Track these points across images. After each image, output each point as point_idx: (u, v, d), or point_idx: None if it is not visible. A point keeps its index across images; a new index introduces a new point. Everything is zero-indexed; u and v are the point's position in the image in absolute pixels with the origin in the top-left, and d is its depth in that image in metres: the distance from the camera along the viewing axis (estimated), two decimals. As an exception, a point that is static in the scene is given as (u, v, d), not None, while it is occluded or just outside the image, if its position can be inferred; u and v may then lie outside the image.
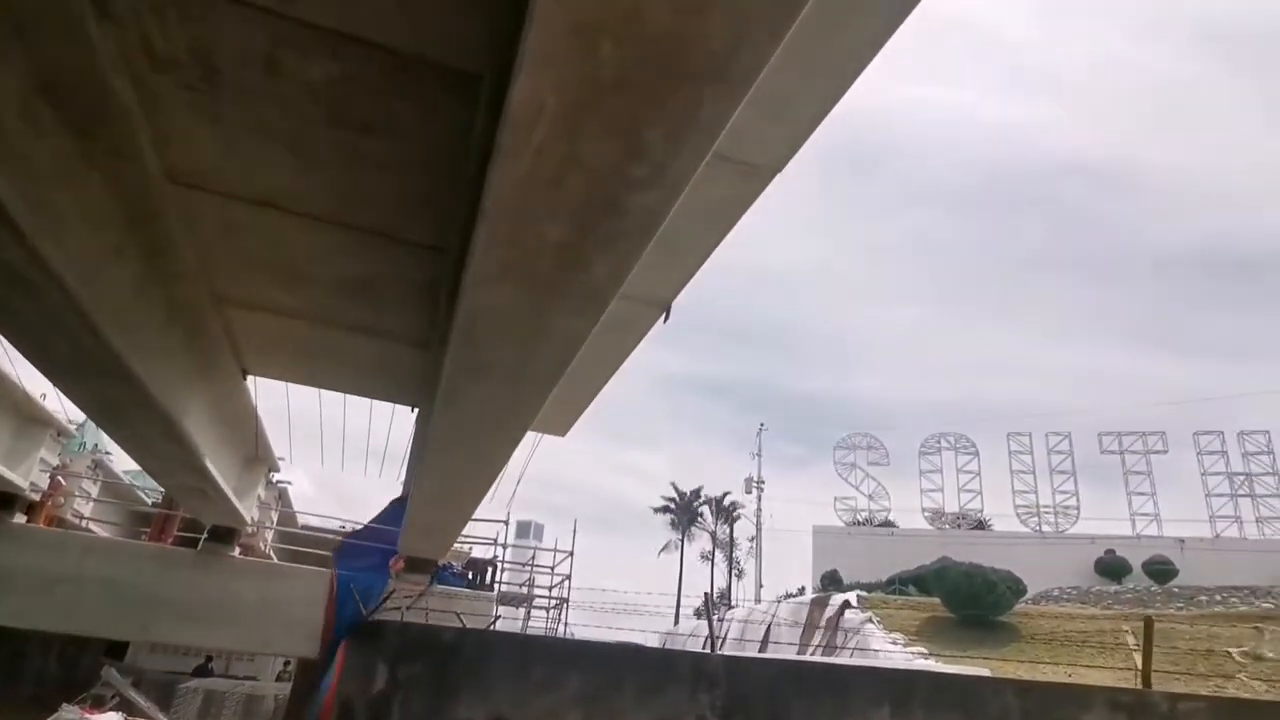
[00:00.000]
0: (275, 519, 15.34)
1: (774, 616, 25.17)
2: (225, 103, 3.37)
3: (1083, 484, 35.53)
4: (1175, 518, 33.66)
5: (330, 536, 13.23)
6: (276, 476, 13.90)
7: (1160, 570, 29.95)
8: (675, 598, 37.97)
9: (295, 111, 3.39)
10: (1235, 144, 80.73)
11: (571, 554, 14.61)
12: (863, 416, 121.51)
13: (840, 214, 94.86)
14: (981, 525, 37.24)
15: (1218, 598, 24.96)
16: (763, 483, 42.96)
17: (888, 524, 39.11)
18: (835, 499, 39.93)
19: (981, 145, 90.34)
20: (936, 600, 22.50)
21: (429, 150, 3.61)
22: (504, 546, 14.33)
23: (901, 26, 3.18)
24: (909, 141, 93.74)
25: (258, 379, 6.86)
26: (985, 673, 10.15)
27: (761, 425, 45.16)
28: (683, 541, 47.07)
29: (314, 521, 16.17)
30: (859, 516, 39.51)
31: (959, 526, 37.08)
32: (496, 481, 6.32)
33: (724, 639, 28.29)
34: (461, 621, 8.65)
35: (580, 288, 2.98)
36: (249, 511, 9.62)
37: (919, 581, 26.97)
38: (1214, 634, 17.40)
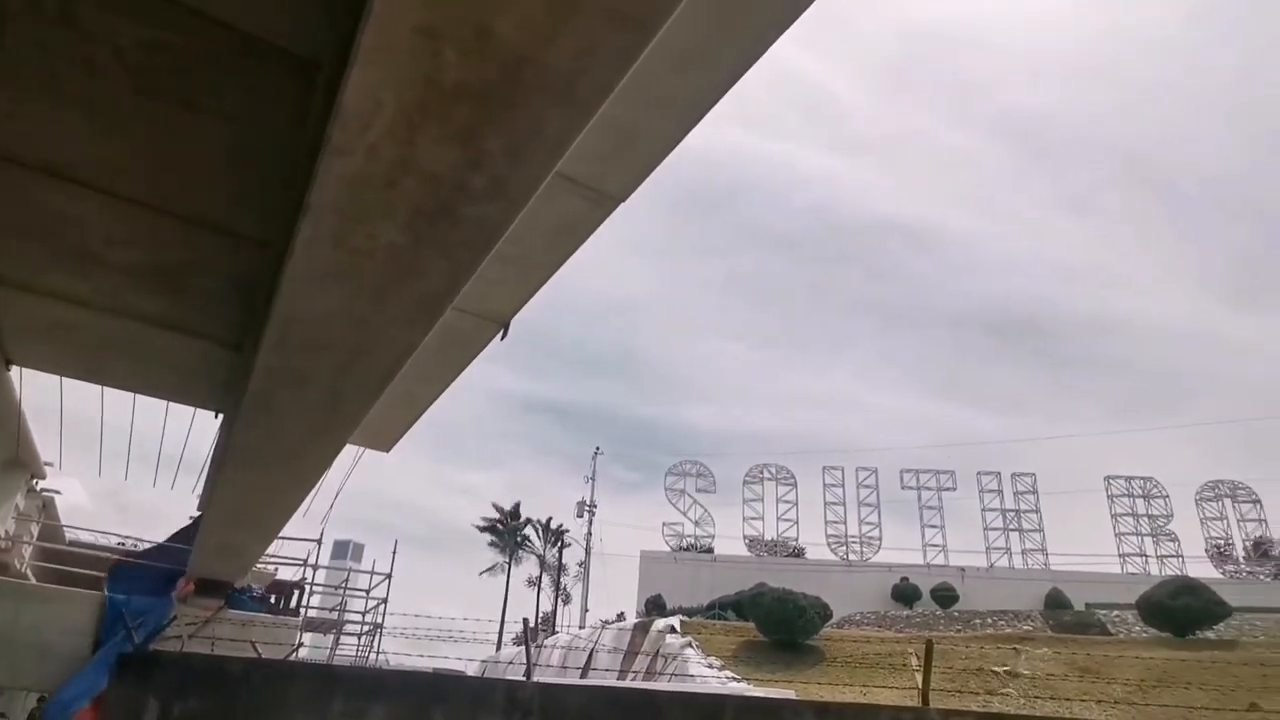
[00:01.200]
0: (36, 533, 13.30)
1: (596, 642, 25.20)
2: (7, 52, 2.94)
3: (885, 516, 38.85)
4: (959, 549, 37.62)
5: (107, 556, 11.65)
6: (41, 484, 12.12)
7: (945, 596, 33.20)
8: (499, 623, 37.11)
9: (97, 74, 3.02)
10: (1021, 219, 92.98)
11: (389, 576, 13.83)
12: (696, 444, 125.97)
13: (683, 249, 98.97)
14: (796, 553, 39.58)
15: (989, 621, 28.02)
16: (594, 506, 43.19)
17: (710, 550, 40.55)
18: (664, 525, 40.93)
19: (814, 197, 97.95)
20: (752, 625, 23.55)
21: (260, 137, 3.33)
22: (314, 568, 13.28)
23: (746, 75, 3.37)
24: (750, 187, 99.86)
25: (25, 371, 5.96)
26: (790, 694, 10.73)
27: (597, 449, 45.37)
28: (509, 564, 46.13)
29: (85, 537, 14.16)
30: (685, 542, 40.67)
31: (776, 554, 39.18)
32: (309, 498, 5.88)
33: (545, 666, 27.90)
34: (257, 650, 7.88)
35: (412, 296, 2.85)
36: (1, 523, 8.29)
37: (737, 606, 28.15)
38: (984, 654, 19.49)
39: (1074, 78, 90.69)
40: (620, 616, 36.43)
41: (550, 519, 47.82)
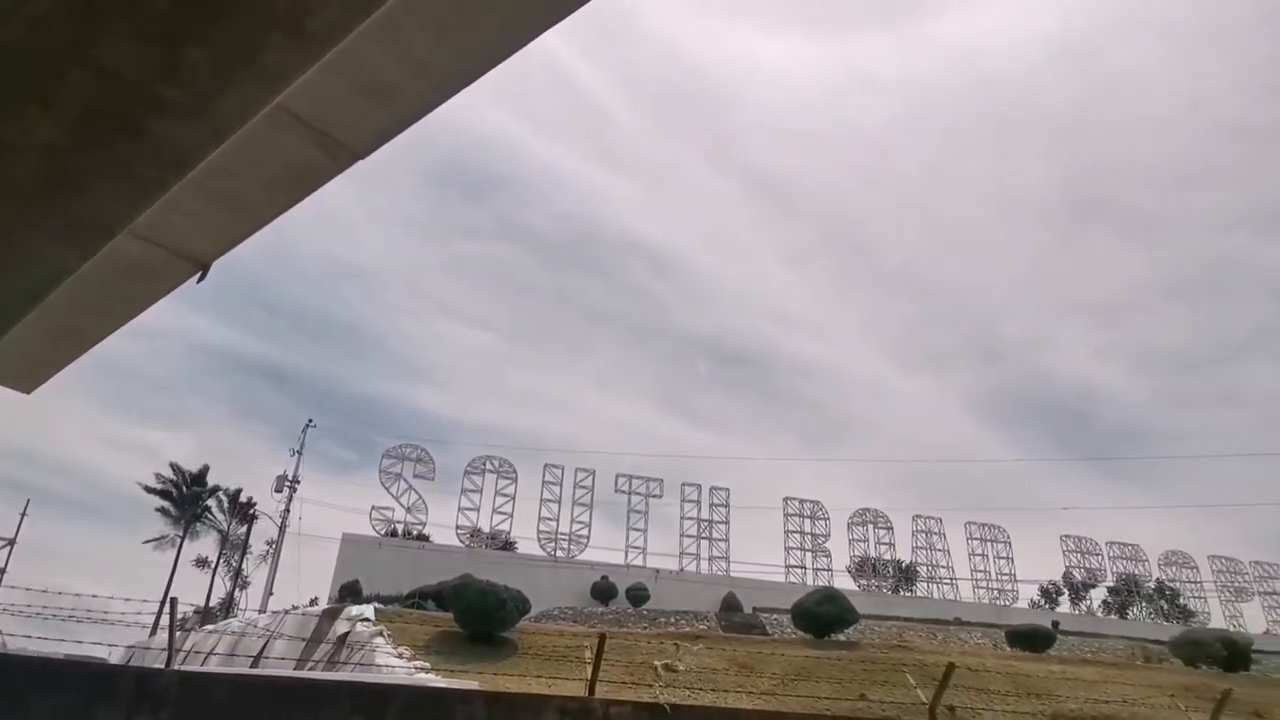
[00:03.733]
0: None
1: (275, 630, 23.12)
2: None
3: (596, 517, 40.63)
4: (657, 551, 40.55)
5: None
6: None
7: (638, 595, 35.55)
8: (160, 604, 32.52)
9: None
10: (753, 264, 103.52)
11: (13, 543, 11.47)
12: (421, 428, 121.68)
13: (437, 227, 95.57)
14: (507, 546, 39.86)
15: (672, 619, 30.55)
16: (297, 482, 39.79)
17: (422, 538, 39.36)
18: (373, 508, 38.89)
19: (574, 203, 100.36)
20: (452, 615, 23.20)
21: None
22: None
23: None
24: (516, 181, 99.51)
25: None
26: (474, 685, 10.74)
27: (309, 422, 41.90)
28: (182, 538, 40.76)
29: None
30: (394, 528, 39.03)
31: (487, 545, 39.13)
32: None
33: (212, 655, 24.99)
34: None
35: (74, 211, 2.40)
36: None
37: (439, 597, 27.57)
38: (662, 649, 21.17)
39: (812, 146, 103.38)
40: (313, 602, 33.89)
41: (240, 490, 43.17)
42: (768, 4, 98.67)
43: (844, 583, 39.58)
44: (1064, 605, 44.16)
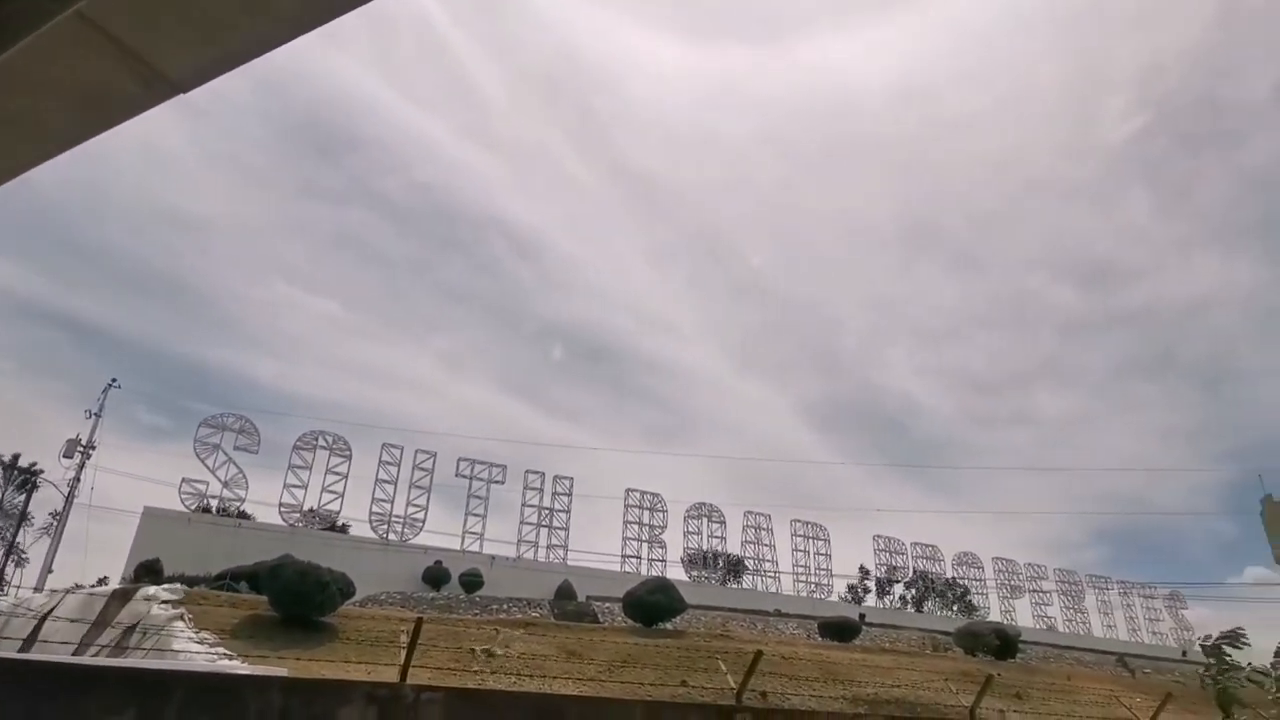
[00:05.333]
0: None
1: (54, 610, 20.64)
2: None
3: (435, 500, 39.49)
4: (494, 538, 40.05)
5: None
6: None
7: (471, 582, 34.95)
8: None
9: None
10: (616, 257, 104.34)
11: None
12: (249, 398, 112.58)
13: (285, 183, 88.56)
14: (335, 526, 37.86)
15: (505, 607, 30.32)
16: (92, 448, 35.66)
17: (242, 515, 36.56)
18: (184, 480, 35.64)
19: (436, 175, 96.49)
20: (264, 599, 21.73)
21: None
22: None
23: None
24: (375, 144, 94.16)
25: None
26: (282, 672, 10.11)
27: (113, 381, 37.59)
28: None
29: None
30: (208, 503, 35.98)
31: (312, 525, 36.97)
32: None
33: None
34: None
35: None
36: None
37: (253, 578, 25.74)
38: (492, 636, 20.97)
39: (679, 147, 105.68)
40: (101, 581, 30.58)
41: (19, 455, 38.22)
42: (651, 2, 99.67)
43: (676, 573, 40.99)
44: (870, 599, 48.14)
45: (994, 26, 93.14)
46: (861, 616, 35.35)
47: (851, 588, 47.48)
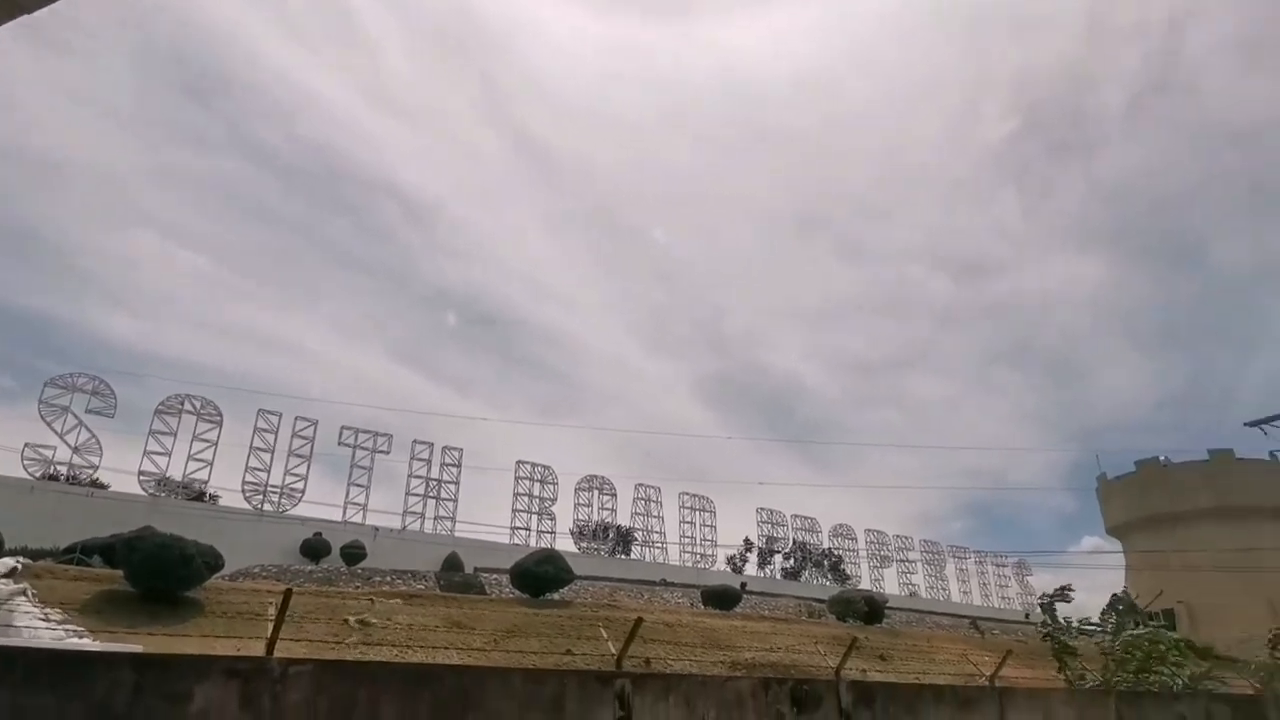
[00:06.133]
0: None
1: None
2: None
3: (316, 470, 37.83)
4: (379, 509, 38.87)
5: None
6: None
7: (353, 554, 33.79)
8: None
9: None
10: (511, 225, 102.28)
11: None
12: (107, 358, 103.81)
13: (155, 124, 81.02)
14: (202, 496, 35.61)
15: (388, 579, 29.52)
16: (-82, 409, 31.86)
17: (95, 484, 33.74)
18: (26, 445, 32.48)
19: (323, 131, 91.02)
20: (120, 573, 20.21)
21: None
22: None
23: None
24: (259, 90, 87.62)
25: None
26: (136, 648, 9.46)
27: (-55, 336, 33.71)
28: None
29: None
30: (55, 470, 32.99)
31: (178, 496, 34.62)
32: None
33: None
34: None
35: None
36: None
37: (109, 551, 23.87)
38: (373, 609, 20.39)
39: (584, 120, 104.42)
40: (-77, 555, 27.49)
41: None
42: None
43: (566, 545, 41.19)
44: (751, 569, 50.12)
45: (889, 24, 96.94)
46: (743, 585, 36.74)
47: (731, 559, 49.26)
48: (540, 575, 24.86)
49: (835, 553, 52.62)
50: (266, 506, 35.94)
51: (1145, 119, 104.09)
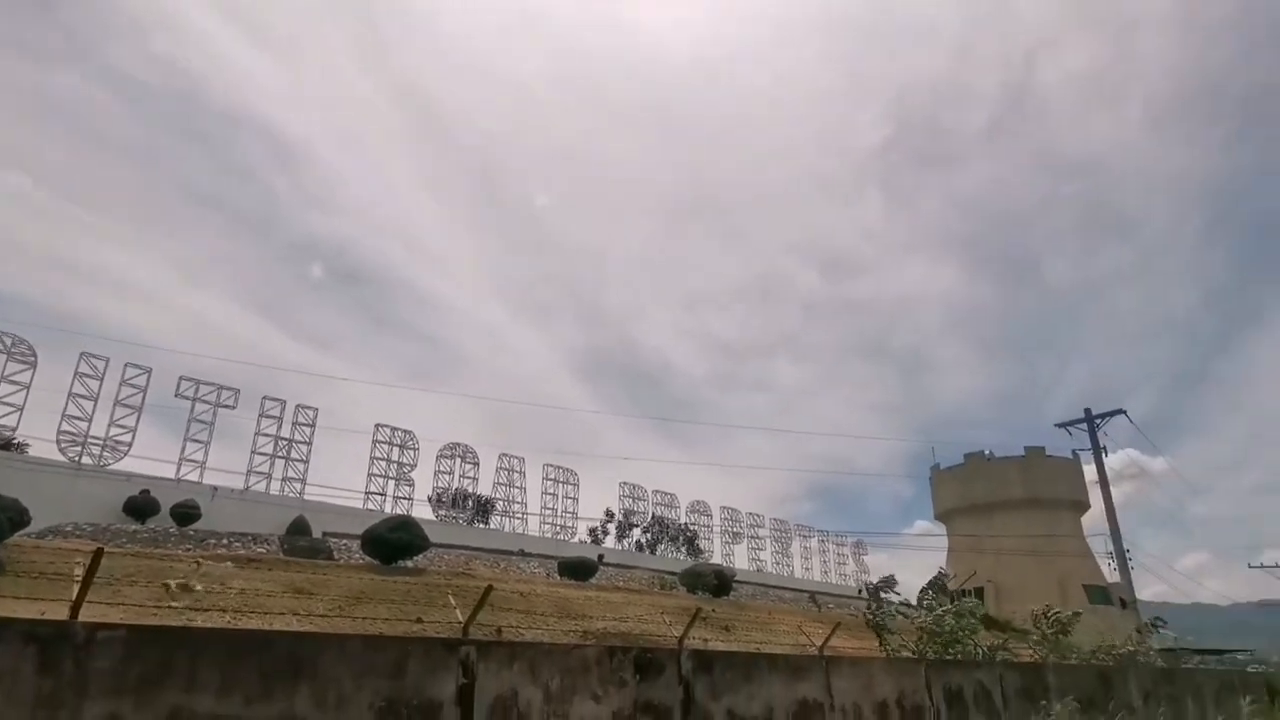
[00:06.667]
0: None
1: None
2: None
3: (147, 422, 34.74)
4: (220, 468, 36.26)
5: None
6: None
7: (186, 514, 31.38)
8: None
9: None
10: (385, 180, 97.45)
11: None
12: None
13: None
14: (9, 445, 31.82)
15: (225, 541, 27.69)
16: None
17: None
18: None
19: (182, 54, 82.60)
20: (-101, 526, 17.81)
21: None
22: None
23: None
24: (109, 6, 78.07)
25: None
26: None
27: None
28: None
29: None
30: None
31: (-25, 443, 30.76)
32: None
33: None
34: None
35: None
36: None
37: (-117, 502, 20.93)
38: (192, 570, 19.10)
39: (472, 77, 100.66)
40: None
41: None
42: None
43: (424, 512, 40.22)
44: (610, 542, 51.00)
45: (783, 26, 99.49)
46: (600, 557, 37.37)
47: (592, 531, 49.93)
48: (393, 541, 24.14)
49: (691, 528, 54.49)
50: (86, 459, 32.66)
51: (1001, 139, 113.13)
